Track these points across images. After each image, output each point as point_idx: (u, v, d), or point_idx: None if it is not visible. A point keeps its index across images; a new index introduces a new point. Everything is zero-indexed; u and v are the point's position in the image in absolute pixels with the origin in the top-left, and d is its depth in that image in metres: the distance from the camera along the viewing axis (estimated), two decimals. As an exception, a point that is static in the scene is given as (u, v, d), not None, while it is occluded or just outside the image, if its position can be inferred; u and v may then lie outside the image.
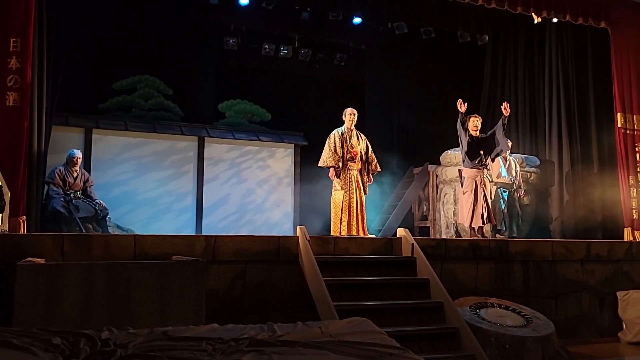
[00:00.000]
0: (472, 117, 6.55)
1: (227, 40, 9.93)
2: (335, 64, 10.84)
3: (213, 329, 2.88)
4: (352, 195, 6.12)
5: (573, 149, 8.57)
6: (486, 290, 5.59)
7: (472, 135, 6.45)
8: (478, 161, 6.40)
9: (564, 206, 8.52)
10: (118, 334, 2.67)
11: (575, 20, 8.16)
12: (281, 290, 4.84)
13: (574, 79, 8.70)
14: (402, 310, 4.60)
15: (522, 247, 5.91)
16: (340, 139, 6.20)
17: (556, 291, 5.96)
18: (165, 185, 8.40)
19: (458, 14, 8.83)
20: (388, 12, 8.83)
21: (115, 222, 7.47)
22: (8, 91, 5.62)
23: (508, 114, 6.46)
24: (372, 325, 3.04)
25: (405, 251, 5.29)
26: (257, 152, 9.08)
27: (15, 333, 2.54)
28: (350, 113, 6.29)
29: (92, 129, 8.05)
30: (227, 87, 9.94)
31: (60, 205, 6.36)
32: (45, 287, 3.45)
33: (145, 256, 4.43)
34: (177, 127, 8.76)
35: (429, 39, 9.70)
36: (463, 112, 6.34)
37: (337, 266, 4.95)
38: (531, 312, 5.19)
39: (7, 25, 5.69)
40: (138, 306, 3.61)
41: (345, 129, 6.28)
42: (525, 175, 8.22)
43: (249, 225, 8.76)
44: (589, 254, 6.19)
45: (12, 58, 5.66)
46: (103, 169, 7.98)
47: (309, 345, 2.59)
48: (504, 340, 4.60)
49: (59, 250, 4.26)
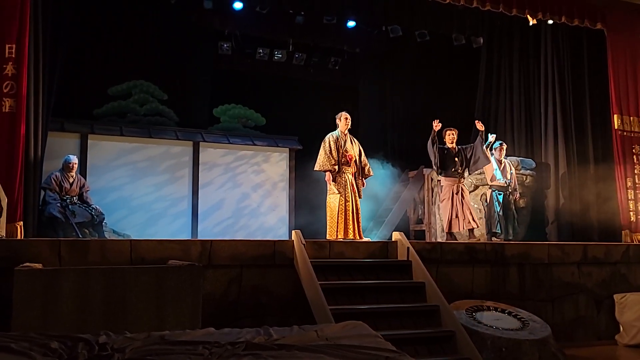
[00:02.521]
0: (448, 130, 7.03)
1: (222, 45, 9.95)
2: (329, 68, 10.87)
3: (209, 333, 2.89)
4: (347, 198, 6.12)
5: (569, 151, 8.56)
6: (482, 293, 5.60)
7: (449, 147, 6.95)
8: (453, 170, 6.87)
9: (560, 209, 8.53)
10: (115, 338, 2.68)
11: (570, 22, 8.17)
12: (277, 295, 4.84)
13: (569, 80, 8.70)
14: (398, 314, 4.62)
15: (518, 250, 5.93)
16: (335, 143, 6.21)
17: (553, 294, 5.98)
18: (161, 190, 8.40)
19: (452, 17, 8.86)
20: (382, 16, 8.86)
21: (111, 227, 7.46)
22: (4, 97, 5.63)
23: (483, 128, 6.92)
24: (368, 328, 3.05)
25: (400, 255, 5.31)
26: (252, 157, 9.09)
27: (13, 338, 2.54)
28: (345, 117, 6.31)
29: (88, 134, 8.05)
30: (221, 91, 9.96)
31: (56, 211, 6.35)
32: (42, 291, 3.45)
33: (141, 261, 4.43)
34: (172, 132, 8.76)
35: (423, 42, 9.73)
36: (436, 130, 6.75)
37: (333, 270, 4.97)
38: (528, 315, 5.21)
39: (3, 31, 5.69)
40: (135, 310, 3.62)
41: (340, 132, 6.30)
42: (521, 178, 8.24)
43: (244, 229, 8.76)
44: (585, 256, 6.20)
45: (8, 64, 5.67)
46: (99, 174, 7.97)
47: (305, 348, 2.60)
48: (500, 343, 4.61)
49: (56, 255, 4.26)
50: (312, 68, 10.76)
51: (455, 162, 6.87)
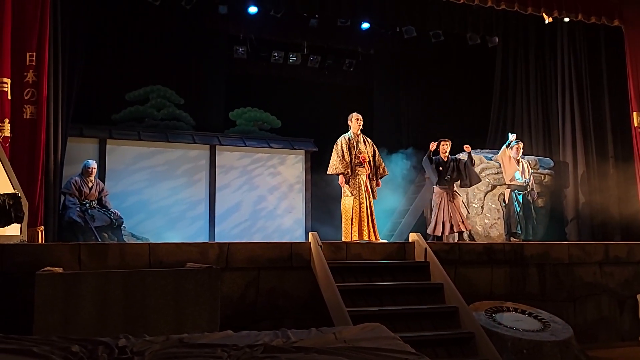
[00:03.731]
0: (443, 140, 7.15)
1: (237, 49, 10.03)
2: (344, 70, 10.88)
3: (228, 336, 2.90)
4: (362, 200, 6.09)
5: (588, 149, 8.46)
6: (501, 294, 5.53)
7: (441, 158, 7.10)
8: (445, 179, 7.03)
9: (580, 208, 8.42)
10: (135, 341, 2.70)
11: (587, 19, 8.07)
12: (294, 297, 4.84)
13: (587, 78, 8.60)
14: (416, 316, 4.58)
15: (538, 250, 5.85)
16: (348, 145, 6.17)
17: (574, 294, 5.88)
18: (178, 193, 8.48)
19: (467, 16, 8.81)
20: (395, 17, 8.83)
21: (130, 230, 7.54)
22: (25, 104, 5.75)
23: (470, 150, 7.06)
24: (387, 330, 3.03)
25: (418, 256, 5.27)
26: (268, 159, 9.13)
27: (35, 341, 2.58)
28: (356, 118, 6.28)
29: (106, 139, 8.17)
30: (237, 95, 10.03)
31: (76, 215, 6.45)
32: (63, 295, 3.50)
33: (160, 264, 4.47)
34: (188, 136, 8.84)
35: (438, 42, 9.69)
36: (432, 150, 6.96)
37: (350, 272, 4.95)
38: (549, 316, 5.12)
39: (24, 40, 5.82)
40: (153, 313, 3.65)
41: (352, 134, 6.26)
42: (539, 177, 8.14)
43: (261, 232, 8.79)
44: (607, 256, 6.10)
45: (29, 72, 5.79)
46: (117, 178, 8.07)
47: (323, 351, 2.59)
48: (521, 345, 4.54)
49: (76, 259, 4.32)
50: (327, 70, 10.78)
51: (447, 171, 7.03)
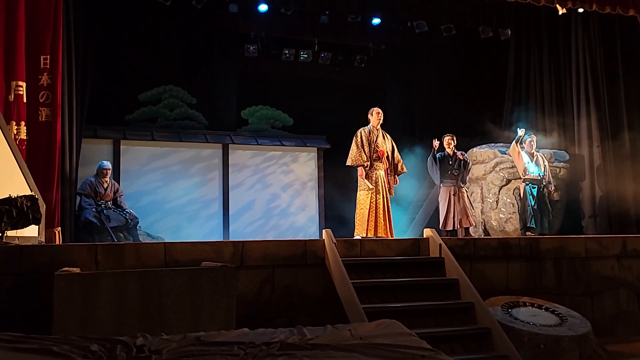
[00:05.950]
0: (447, 136, 7.28)
1: (248, 48, 10.04)
2: (355, 66, 10.84)
3: (244, 334, 2.91)
4: (378, 195, 6.06)
5: (604, 142, 8.36)
6: (517, 289, 5.48)
7: (447, 153, 7.18)
8: (449, 173, 7.11)
9: (597, 201, 8.31)
10: (152, 340, 2.72)
11: (602, 9, 7.96)
12: (309, 294, 4.85)
13: (602, 69, 8.49)
14: (431, 312, 4.56)
15: (554, 244, 5.79)
16: (367, 138, 6.16)
17: (591, 289, 5.81)
18: (192, 192, 8.54)
19: (479, 9, 8.72)
20: (406, 11, 8.78)
21: (145, 230, 7.62)
22: (40, 107, 5.83)
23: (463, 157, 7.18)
24: (402, 327, 3.02)
25: (432, 252, 5.24)
26: (281, 157, 9.14)
27: (54, 341, 2.62)
28: (377, 112, 6.27)
29: (120, 140, 8.26)
30: (248, 93, 10.05)
31: (92, 216, 6.53)
32: (81, 295, 3.54)
33: (175, 263, 4.50)
34: (201, 136, 8.90)
35: (449, 36, 9.60)
36: (436, 148, 7.06)
37: (365, 268, 4.94)
38: (566, 311, 5.07)
39: (38, 43, 5.90)
40: (170, 312, 3.67)
41: (372, 127, 6.24)
42: (555, 171, 8.05)
43: (274, 229, 8.83)
44: (625, 249, 6.01)
45: (43, 75, 5.86)
46: (132, 178, 8.15)
47: (339, 348, 2.59)
48: (538, 340, 4.50)
49: (92, 259, 4.37)
50: (338, 67, 10.76)
51: (452, 166, 7.09)
